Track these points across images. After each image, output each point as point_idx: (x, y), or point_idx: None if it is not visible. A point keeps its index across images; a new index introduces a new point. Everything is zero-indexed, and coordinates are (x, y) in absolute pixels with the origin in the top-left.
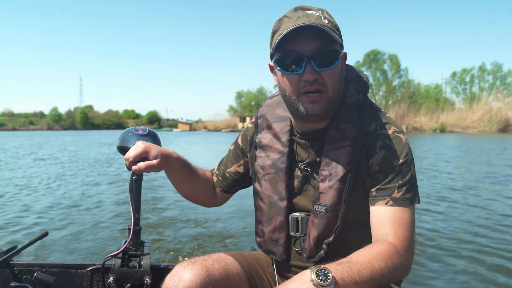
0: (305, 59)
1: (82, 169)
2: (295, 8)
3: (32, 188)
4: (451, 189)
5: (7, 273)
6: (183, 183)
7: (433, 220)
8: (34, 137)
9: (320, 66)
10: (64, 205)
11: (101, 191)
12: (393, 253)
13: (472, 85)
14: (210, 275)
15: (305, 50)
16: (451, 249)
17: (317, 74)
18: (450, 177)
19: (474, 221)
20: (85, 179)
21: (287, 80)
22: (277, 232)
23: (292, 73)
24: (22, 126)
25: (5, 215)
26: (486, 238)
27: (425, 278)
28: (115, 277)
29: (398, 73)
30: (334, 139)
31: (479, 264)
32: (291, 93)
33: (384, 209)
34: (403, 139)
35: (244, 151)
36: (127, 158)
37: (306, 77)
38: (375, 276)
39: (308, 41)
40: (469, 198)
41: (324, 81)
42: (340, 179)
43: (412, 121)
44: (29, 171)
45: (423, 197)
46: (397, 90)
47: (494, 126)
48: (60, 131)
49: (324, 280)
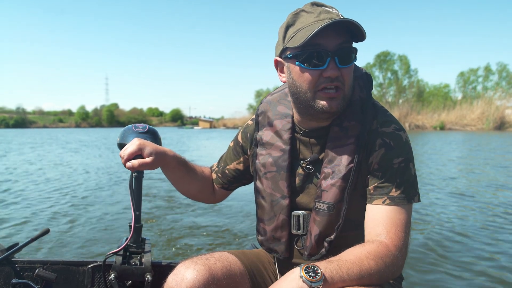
0: (330, 55)
1: (88, 166)
2: (312, 3)
3: (35, 184)
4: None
5: (9, 270)
6: (180, 181)
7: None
8: (67, 134)
9: (342, 63)
10: (66, 202)
11: (103, 189)
12: (384, 252)
13: (477, 85)
14: (213, 275)
15: (329, 45)
16: (456, 247)
17: (339, 70)
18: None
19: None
20: (89, 176)
21: (307, 75)
22: (279, 230)
23: (313, 68)
24: (52, 124)
25: (7, 212)
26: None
27: (426, 278)
28: (116, 274)
29: (408, 73)
30: (337, 137)
31: (485, 263)
32: (308, 89)
33: (379, 208)
34: (404, 137)
35: (244, 149)
36: (122, 155)
37: (330, 73)
38: (364, 274)
39: (332, 37)
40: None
41: (343, 79)
42: (343, 177)
43: (415, 119)
44: (33, 167)
45: (430, 192)
46: (407, 90)
47: (491, 124)
48: (87, 129)
49: (313, 277)
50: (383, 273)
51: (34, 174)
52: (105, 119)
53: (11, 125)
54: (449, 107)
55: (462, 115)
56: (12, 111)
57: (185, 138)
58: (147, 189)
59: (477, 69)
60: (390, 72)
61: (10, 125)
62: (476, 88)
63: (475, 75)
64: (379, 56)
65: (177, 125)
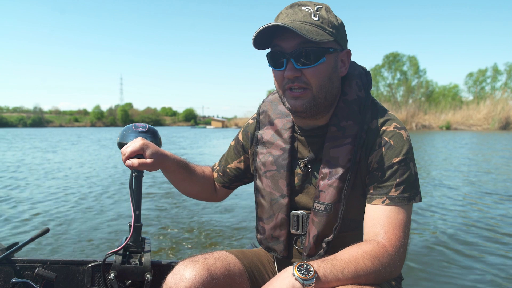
0: (286, 56)
1: (88, 166)
2: (291, 5)
3: (36, 183)
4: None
5: (9, 269)
6: (180, 183)
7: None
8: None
9: (301, 64)
10: (65, 201)
11: (104, 188)
12: (381, 252)
13: (485, 85)
14: (212, 274)
15: (286, 47)
16: (458, 248)
17: (298, 71)
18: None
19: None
20: (90, 175)
21: (274, 75)
22: (278, 229)
23: (276, 69)
24: (68, 123)
25: (7, 211)
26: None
27: (426, 279)
28: (116, 273)
29: (417, 74)
30: (334, 137)
31: (488, 263)
32: (278, 88)
33: (378, 208)
34: (404, 135)
35: (245, 147)
36: (123, 152)
37: (286, 74)
38: (360, 273)
39: (290, 39)
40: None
41: (307, 79)
42: (340, 177)
43: (422, 119)
44: (35, 167)
45: (434, 192)
46: (416, 90)
47: (496, 124)
48: (102, 128)
49: (306, 275)
50: (379, 273)
51: (38, 172)
52: (119, 118)
53: (28, 125)
54: (456, 107)
55: (468, 115)
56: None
57: (199, 136)
58: (147, 188)
59: (486, 69)
60: (400, 72)
61: (28, 125)
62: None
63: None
64: (388, 57)
65: (190, 125)
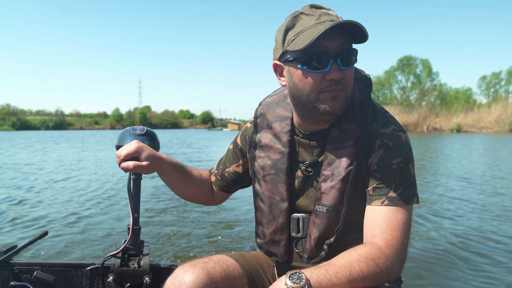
0: (332, 57)
1: (88, 169)
2: (311, 5)
3: (34, 186)
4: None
5: (7, 273)
6: (177, 186)
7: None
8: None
9: (344, 64)
10: (64, 205)
11: (102, 190)
12: (377, 254)
13: (499, 88)
14: (212, 278)
15: (331, 47)
16: (460, 252)
17: (341, 72)
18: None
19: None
20: (89, 178)
21: (309, 78)
22: (278, 233)
23: (316, 71)
24: (88, 126)
25: (5, 215)
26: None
27: (427, 278)
28: (114, 276)
29: (430, 77)
30: (337, 139)
31: (490, 270)
32: (312, 91)
33: (377, 209)
34: (403, 137)
35: (243, 151)
36: (118, 155)
37: (333, 75)
38: (355, 277)
39: (334, 39)
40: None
41: (345, 80)
42: (342, 179)
43: (433, 122)
44: (37, 170)
45: (437, 192)
46: (429, 93)
47: (506, 126)
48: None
49: (297, 283)
50: (376, 275)
51: (41, 175)
52: (138, 121)
53: (51, 127)
54: (468, 109)
55: (479, 117)
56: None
57: (214, 138)
58: (146, 191)
59: (500, 72)
60: (413, 75)
61: (50, 127)
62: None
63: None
64: (401, 60)
65: (207, 127)
